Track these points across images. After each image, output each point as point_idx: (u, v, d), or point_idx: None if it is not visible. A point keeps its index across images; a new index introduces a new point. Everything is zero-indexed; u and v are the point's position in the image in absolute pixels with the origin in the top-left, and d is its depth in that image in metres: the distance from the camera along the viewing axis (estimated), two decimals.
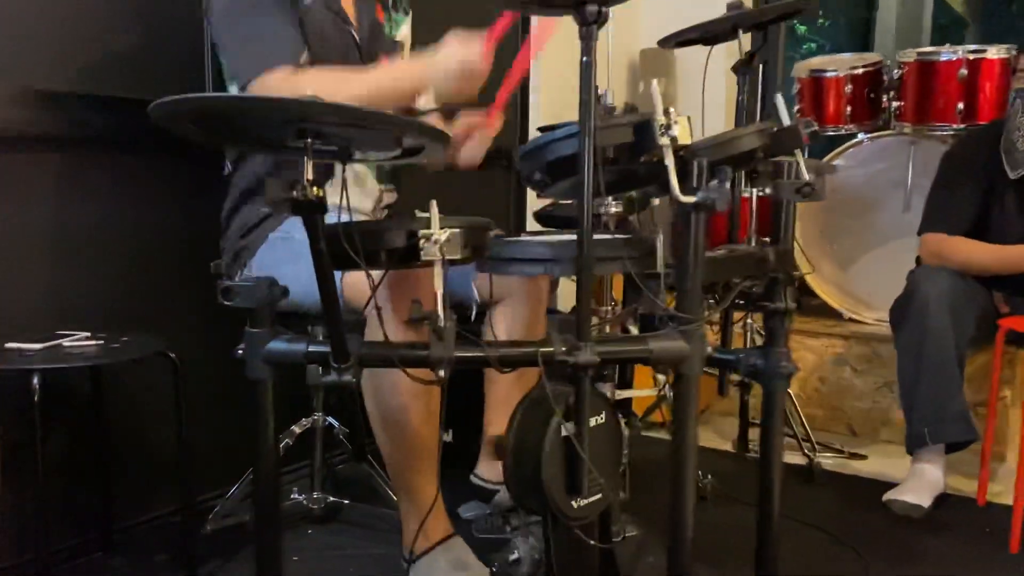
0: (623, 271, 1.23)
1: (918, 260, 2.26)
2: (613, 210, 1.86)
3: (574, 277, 1.14)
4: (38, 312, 1.63)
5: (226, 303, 1.13)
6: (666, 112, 1.11)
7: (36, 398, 1.33)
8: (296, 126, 0.93)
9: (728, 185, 1.21)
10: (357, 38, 1.74)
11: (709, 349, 1.19)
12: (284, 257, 1.54)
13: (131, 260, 1.81)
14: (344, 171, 1.02)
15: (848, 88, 2.71)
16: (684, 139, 1.11)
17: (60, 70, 1.65)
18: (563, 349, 1.13)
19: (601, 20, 1.07)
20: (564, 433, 1.13)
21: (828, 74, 2.76)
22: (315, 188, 0.93)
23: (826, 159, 2.80)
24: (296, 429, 1.89)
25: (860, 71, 2.73)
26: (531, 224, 2.77)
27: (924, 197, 2.24)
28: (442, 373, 1.10)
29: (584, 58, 1.08)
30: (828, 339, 2.74)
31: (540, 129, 1.91)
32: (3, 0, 1.56)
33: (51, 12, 1.63)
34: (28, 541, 1.61)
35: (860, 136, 2.78)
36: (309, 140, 0.94)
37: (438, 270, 1.08)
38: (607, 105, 2.70)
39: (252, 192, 1.66)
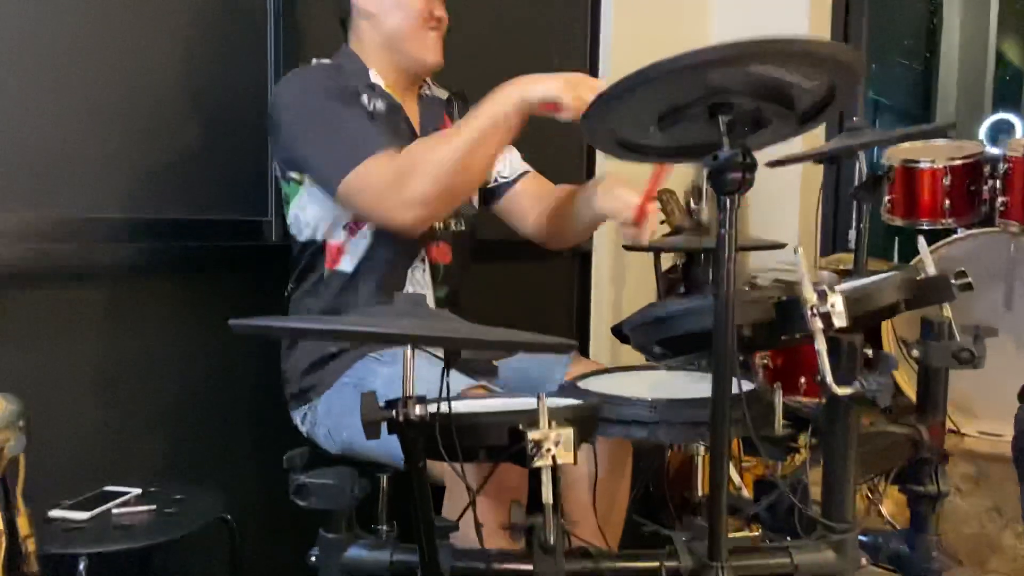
0: (746, 435, 1.06)
1: None
2: None
3: None
4: (83, 460, 1.48)
5: (300, 503, 0.98)
6: (819, 290, 0.94)
7: None
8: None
9: (891, 374, 1.04)
10: None
11: (864, 562, 1.01)
12: (354, 405, 1.37)
13: (183, 401, 1.65)
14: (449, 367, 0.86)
15: (947, 181, 2.51)
16: (841, 322, 0.94)
17: (99, 195, 1.52)
18: (691, 566, 0.96)
19: (744, 188, 0.91)
20: None
21: (923, 165, 2.55)
22: (417, 407, 0.78)
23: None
24: None
25: (959, 163, 2.53)
26: (602, 325, 2.62)
27: None
28: None
29: (722, 230, 0.92)
30: None
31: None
32: (35, 126, 1.43)
33: (87, 134, 1.50)
34: None
35: (958, 232, 2.57)
36: (411, 348, 0.79)
37: (547, 479, 0.91)
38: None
39: None
